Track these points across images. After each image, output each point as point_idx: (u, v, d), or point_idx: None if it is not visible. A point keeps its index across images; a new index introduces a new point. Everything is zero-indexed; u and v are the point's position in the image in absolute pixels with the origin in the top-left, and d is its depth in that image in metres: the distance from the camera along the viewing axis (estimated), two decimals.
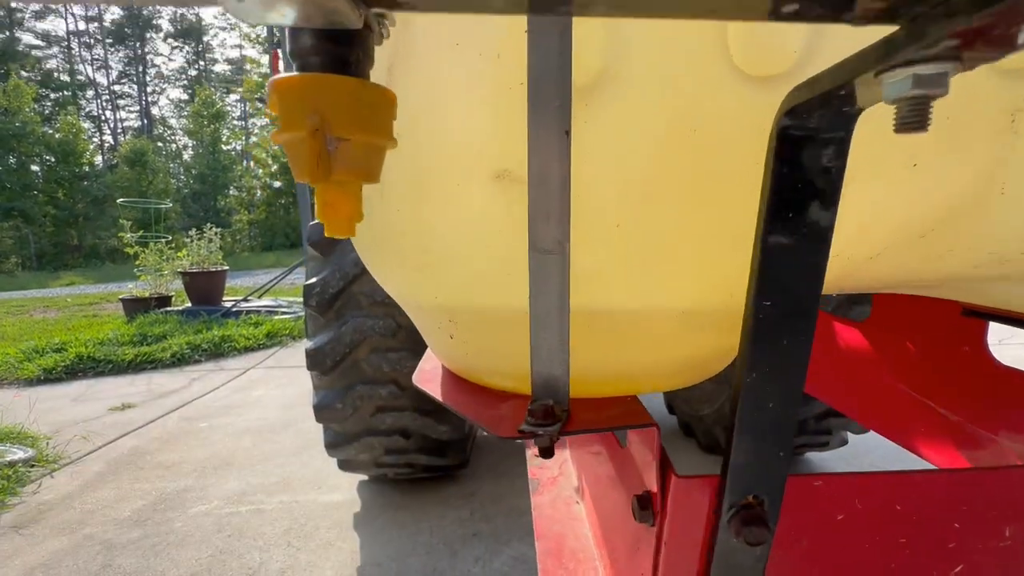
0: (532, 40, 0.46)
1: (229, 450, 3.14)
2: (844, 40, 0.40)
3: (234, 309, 7.12)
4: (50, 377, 5.04)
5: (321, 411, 2.07)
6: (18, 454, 2.94)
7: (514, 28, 0.49)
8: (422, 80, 0.55)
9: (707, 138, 0.51)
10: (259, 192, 31.22)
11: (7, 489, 2.61)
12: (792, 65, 0.50)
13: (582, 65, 0.48)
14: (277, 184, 30.76)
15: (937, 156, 0.53)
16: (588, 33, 0.49)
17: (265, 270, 21.11)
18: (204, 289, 7.38)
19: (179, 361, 5.47)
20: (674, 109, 0.51)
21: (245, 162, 39.42)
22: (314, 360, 2.02)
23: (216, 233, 7.77)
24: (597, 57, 0.50)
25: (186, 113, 43.30)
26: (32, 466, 2.92)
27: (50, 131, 29.18)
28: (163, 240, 7.52)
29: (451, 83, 0.54)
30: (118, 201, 10.92)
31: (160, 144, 40.88)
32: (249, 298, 7.80)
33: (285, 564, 2.02)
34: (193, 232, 7.57)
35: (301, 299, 8.83)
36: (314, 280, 2.04)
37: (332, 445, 2.18)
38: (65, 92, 39.42)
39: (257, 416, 3.75)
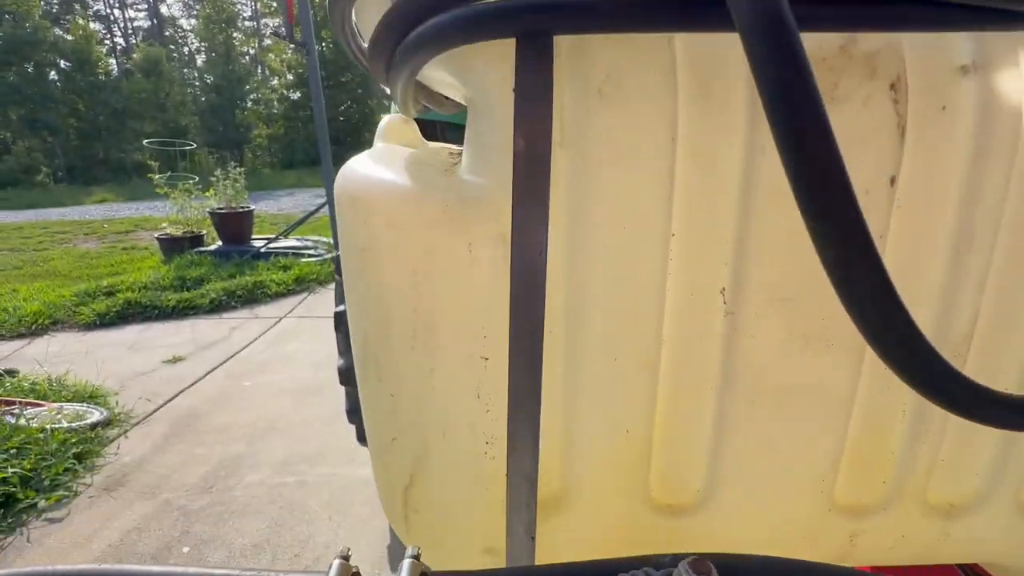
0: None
1: (273, 414, 3.56)
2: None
3: (263, 251, 7.44)
4: (104, 322, 5.52)
5: (346, 373, 2.17)
6: (95, 415, 3.40)
7: None
8: None
9: None
10: (276, 104, 30.40)
11: (94, 452, 3.08)
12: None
13: (544, 482, 0.63)
14: (295, 96, 29.79)
15: None
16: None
17: (287, 190, 21.24)
18: (234, 229, 7.68)
19: (217, 308, 5.90)
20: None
21: (259, 68, 37.91)
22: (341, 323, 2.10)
23: (240, 173, 7.90)
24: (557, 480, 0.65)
25: (195, 12, 41.05)
26: (107, 426, 3.38)
27: (61, 33, 28.36)
28: (191, 180, 7.69)
29: None
30: (144, 142, 10.96)
31: (172, 47, 39.35)
32: (278, 237, 8.09)
33: (329, 539, 2.44)
34: (219, 172, 7.71)
35: (324, 238, 9.10)
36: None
37: (353, 411, 2.36)
38: None
39: (291, 376, 4.14)
